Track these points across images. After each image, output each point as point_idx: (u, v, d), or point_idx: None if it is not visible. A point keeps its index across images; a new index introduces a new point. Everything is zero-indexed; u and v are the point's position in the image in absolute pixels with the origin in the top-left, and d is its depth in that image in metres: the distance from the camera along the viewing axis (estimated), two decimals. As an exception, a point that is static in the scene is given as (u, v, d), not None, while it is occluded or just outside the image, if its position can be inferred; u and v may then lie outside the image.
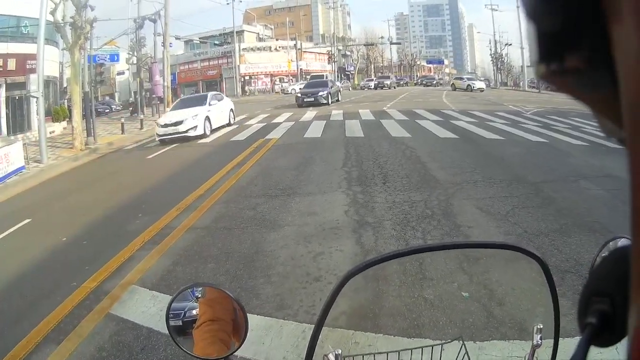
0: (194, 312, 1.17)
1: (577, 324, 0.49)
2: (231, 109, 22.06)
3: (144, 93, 33.47)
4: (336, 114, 22.91)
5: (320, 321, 1.02)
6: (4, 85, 22.59)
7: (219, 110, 20.22)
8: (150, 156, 15.40)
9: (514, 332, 3.68)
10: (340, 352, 1.40)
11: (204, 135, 17.88)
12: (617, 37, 0.25)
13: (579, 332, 0.49)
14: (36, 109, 19.09)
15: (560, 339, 1.14)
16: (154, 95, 33.13)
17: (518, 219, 6.44)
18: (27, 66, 22.35)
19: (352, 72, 74.60)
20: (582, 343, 0.48)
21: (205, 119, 18.27)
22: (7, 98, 22.81)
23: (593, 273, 0.52)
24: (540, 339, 1.18)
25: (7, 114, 22.78)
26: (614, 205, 6.73)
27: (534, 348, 1.20)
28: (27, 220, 8.94)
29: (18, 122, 23.50)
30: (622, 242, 1.09)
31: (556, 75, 0.28)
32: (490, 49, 70.97)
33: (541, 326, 1.20)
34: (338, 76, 68.81)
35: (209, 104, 19.39)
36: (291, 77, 61.83)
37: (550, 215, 6.50)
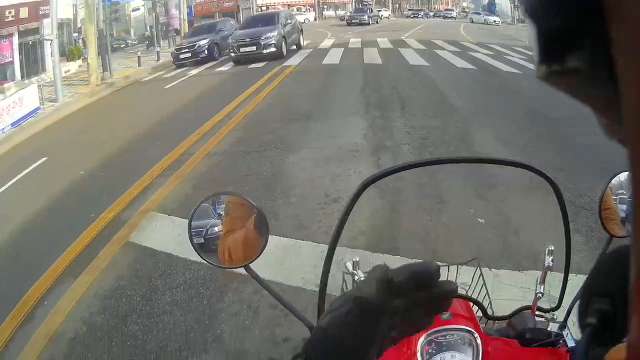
0: (216, 228, 1.19)
1: (589, 262, 0.38)
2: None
3: (159, 27, 33.05)
4: (354, 42, 22.31)
5: (340, 225, 1.04)
6: (17, 33, 22.27)
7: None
8: (168, 86, 15.21)
9: (529, 263, 3.65)
10: (357, 259, 1.51)
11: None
12: (617, 37, 0.24)
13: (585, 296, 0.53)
14: (50, 51, 18.82)
15: (571, 274, 1.17)
16: (170, 28, 32.79)
17: (534, 150, 6.25)
18: (40, 12, 21.94)
19: (369, 3, 72.00)
20: (583, 343, 0.50)
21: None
22: (20, 44, 22.54)
23: (593, 273, 0.55)
24: (552, 261, 1.24)
25: (20, 60, 22.59)
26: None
27: (546, 270, 1.25)
28: (43, 159, 8.75)
29: (32, 66, 23.31)
30: (624, 176, 1.15)
31: (557, 76, 0.27)
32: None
33: (552, 247, 1.25)
34: (356, 5, 66.21)
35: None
36: (308, 7, 60.10)
37: (568, 151, 6.24)
